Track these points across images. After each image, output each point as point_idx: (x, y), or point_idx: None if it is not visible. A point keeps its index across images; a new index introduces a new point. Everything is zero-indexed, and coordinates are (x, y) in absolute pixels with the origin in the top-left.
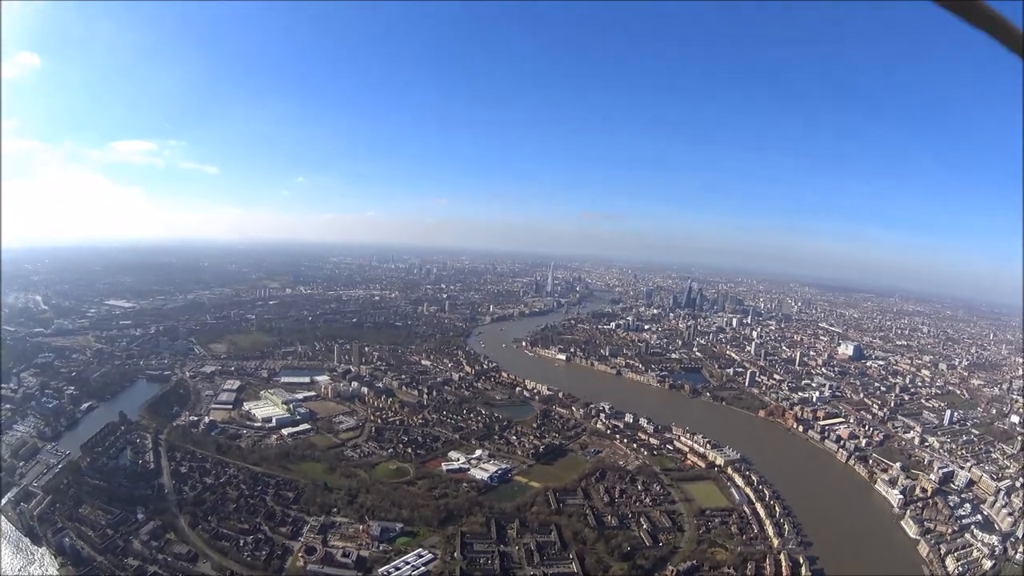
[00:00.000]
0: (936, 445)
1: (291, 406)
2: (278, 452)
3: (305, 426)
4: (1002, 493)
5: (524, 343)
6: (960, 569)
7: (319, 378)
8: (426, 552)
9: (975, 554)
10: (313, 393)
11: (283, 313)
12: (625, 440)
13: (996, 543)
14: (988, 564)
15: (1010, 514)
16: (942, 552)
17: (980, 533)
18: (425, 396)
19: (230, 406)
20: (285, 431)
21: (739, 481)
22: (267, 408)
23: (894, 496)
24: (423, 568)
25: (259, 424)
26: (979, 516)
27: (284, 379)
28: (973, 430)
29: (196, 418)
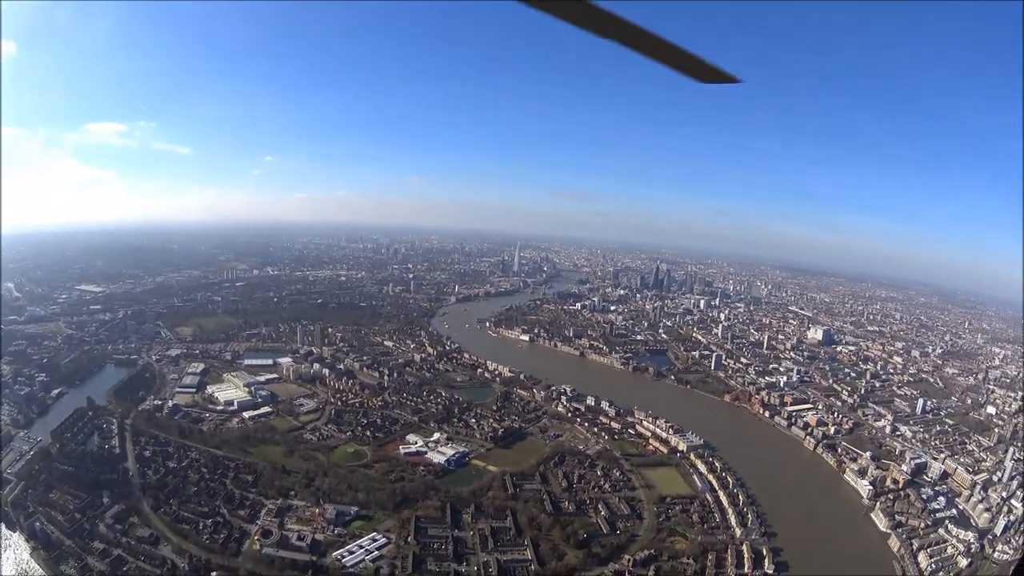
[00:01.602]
0: (908, 435)
1: (253, 389)
2: (239, 435)
3: (266, 409)
4: (978, 487)
5: (488, 324)
6: (933, 566)
7: (281, 360)
8: (380, 536)
9: (949, 551)
10: (275, 375)
11: (249, 295)
12: (586, 424)
13: (972, 540)
14: (964, 562)
15: (987, 509)
16: (914, 547)
17: (955, 528)
18: (386, 378)
19: (193, 389)
20: (246, 414)
21: (702, 468)
22: (230, 391)
23: (863, 487)
24: (376, 552)
25: (221, 407)
26: (954, 510)
27: (248, 361)
28: (947, 420)
29: (160, 402)
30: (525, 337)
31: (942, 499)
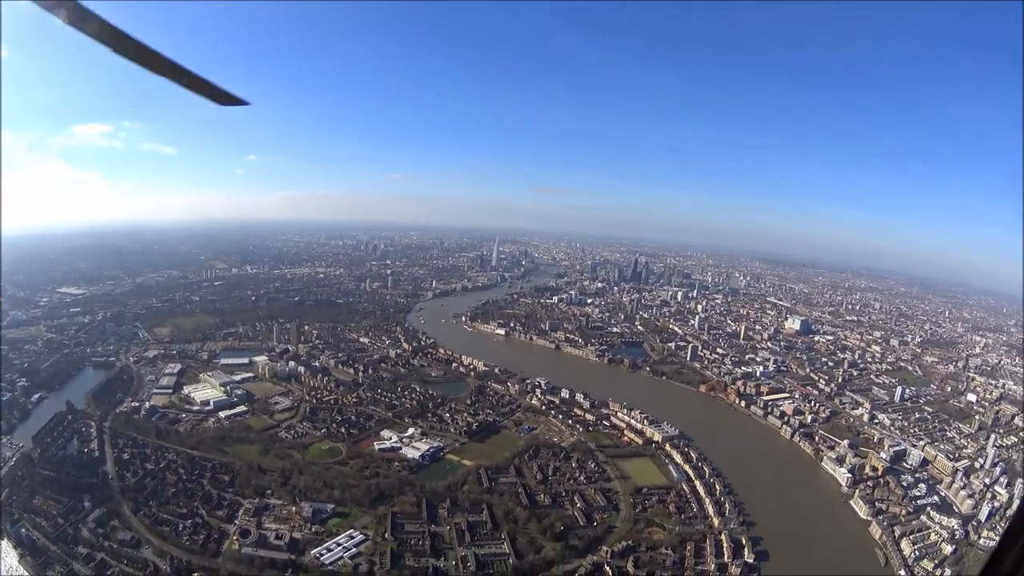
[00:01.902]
0: (886, 422)
1: (228, 388)
2: (215, 435)
3: (241, 408)
4: (960, 474)
5: (464, 318)
6: (917, 553)
7: (257, 359)
8: (357, 533)
9: (933, 537)
10: (251, 374)
11: (227, 294)
12: (560, 416)
13: (956, 526)
14: (948, 549)
15: (970, 496)
16: (896, 534)
17: (938, 515)
18: (360, 374)
19: (170, 390)
20: (222, 414)
21: (677, 458)
22: (206, 391)
23: (842, 475)
24: (354, 549)
25: (197, 407)
26: (935, 497)
27: (224, 361)
28: (926, 407)
29: (138, 404)
30: (501, 331)
31: (923, 486)
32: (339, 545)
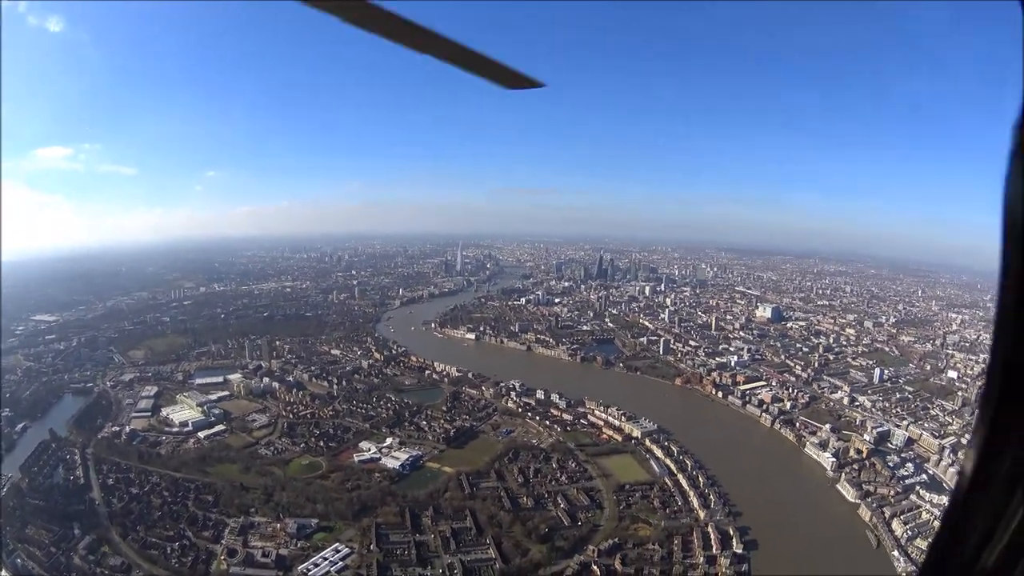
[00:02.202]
0: (867, 404)
1: (206, 408)
2: (196, 456)
3: (220, 427)
4: (947, 451)
5: (433, 325)
6: (909, 532)
7: (232, 376)
8: (343, 546)
9: (924, 516)
10: (227, 392)
11: (197, 313)
12: (537, 417)
13: (947, 503)
14: None
15: (959, 472)
16: (887, 515)
17: (927, 493)
18: (335, 387)
19: (149, 413)
20: (201, 434)
21: (658, 453)
22: (184, 412)
23: (826, 459)
24: (340, 563)
25: (176, 429)
26: (924, 476)
27: (199, 380)
28: (907, 387)
29: (118, 428)
30: (471, 335)
31: (910, 465)
32: (325, 559)
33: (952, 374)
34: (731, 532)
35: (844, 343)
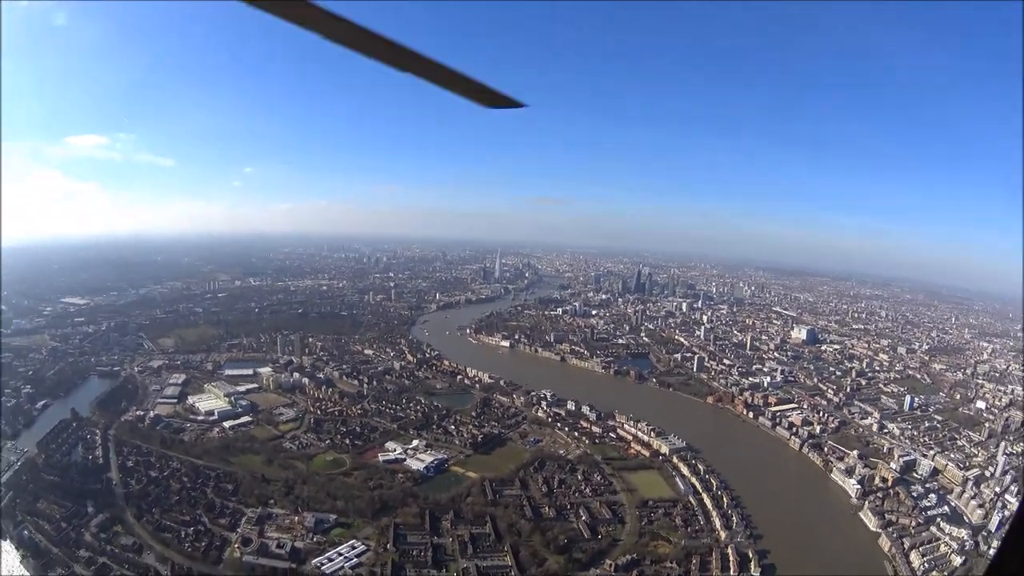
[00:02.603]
0: (896, 432)
1: (233, 399)
2: (219, 445)
3: (246, 418)
4: (971, 483)
5: (468, 330)
6: (926, 565)
7: (261, 370)
8: (359, 544)
9: (943, 548)
10: (255, 385)
11: (231, 305)
12: (566, 428)
13: (966, 537)
14: (958, 560)
15: (980, 505)
16: (906, 546)
17: (947, 526)
18: (365, 386)
19: (175, 400)
20: (227, 424)
21: (685, 470)
22: (210, 401)
23: (851, 486)
24: (355, 560)
25: (202, 417)
26: (946, 507)
27: (228, 372)
28: (936, 416)
29: (142, 413)
30: (505, 343)
31: (933, 496)
32: (340, 555)
33: (981, 404)
34: (750, 555)
35: (877, 368)
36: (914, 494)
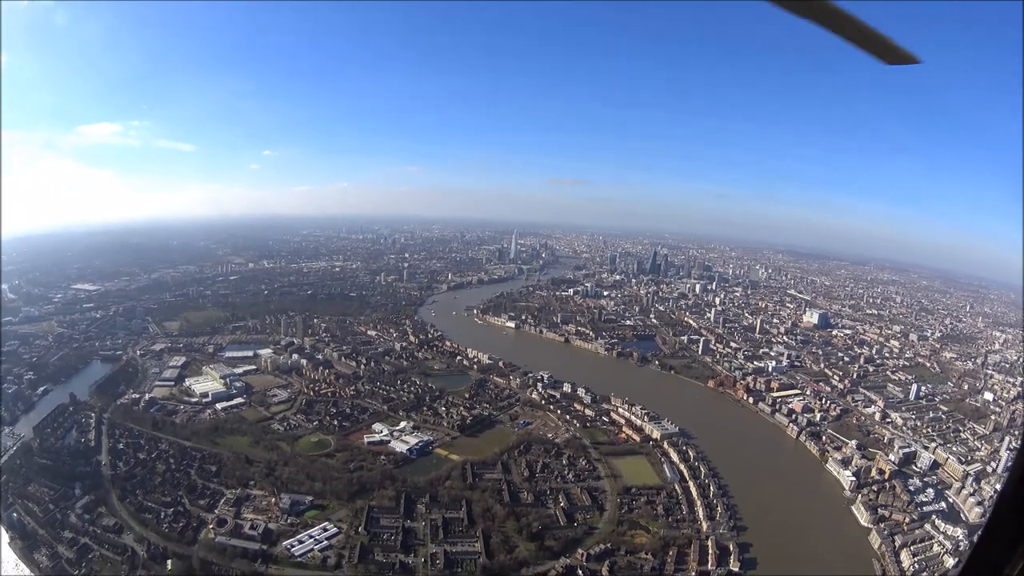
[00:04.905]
0: (899, 422)
1: (228, 380)
2: (209, 427)
3: (239, 400)
4: (971, 479)
5: (476, 311)
6: (916, 566)
7: (262, 351)
8: (332, 526)
9: (935, 548)
10: (254, 367)
11: (241, 288)
12: (559, 411)
13: (961, 536)
14: (951, 562)
15: (979, 503)
16: (896, 544)
17: (943, 524)
18: (362, 367)
19: (172, 383)
20: (219, 405)
21: (674, 456)
22: (206, 383)
23: (846, 478)
24: (326, 542)
25: (196, 399)
26: (943, 503)
27: (229, 354)
28: (942, 406)
29: (138, 396)
30: (511, 324)
31: (930, 491)
32: (311, 537)
33: (988, 396)
34: (731, 548)
35: (887, 355)
36: (911, 488)
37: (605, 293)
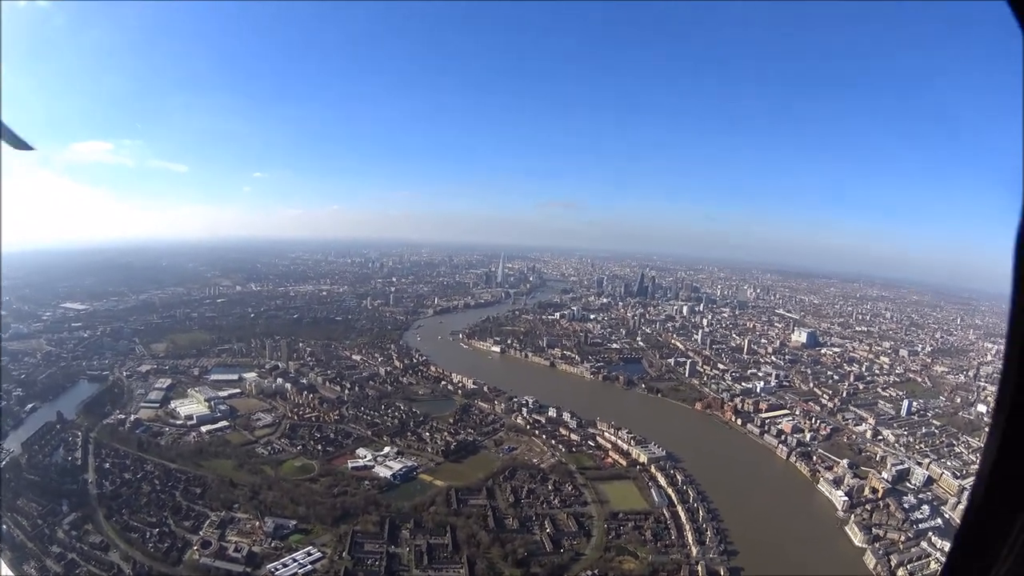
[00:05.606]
0: (891, 439)
1: (213, 403)
2: (194, 449)
3: (223, 423)
4: (967, 493)
5: (461, 335)
6: None
7: (247, 375)
8: (316, 550)
9: (932, 566)
10: (238, 390)
11: (228, 311)
12: (544, 436)
13: None
14: None
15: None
16: (892, 563)
17: (939, 540)
18: (347, 392)
19: (157, 404)
20: (204, 428)
21: (662, 480)
22: (191, 406)
23: (838, 498)
24: (309, 567)
25: (181, 422)
26: (939, 520)
27: (214, 376)
28: (934, 421)
29: (124, 416)
30: (496, 348)
31: (926, 508)
32: (295, 561)
33: (982, 408)
34: (722, 572)
35: (877, 372)
36: (905, 506)
37: (592, 316)
